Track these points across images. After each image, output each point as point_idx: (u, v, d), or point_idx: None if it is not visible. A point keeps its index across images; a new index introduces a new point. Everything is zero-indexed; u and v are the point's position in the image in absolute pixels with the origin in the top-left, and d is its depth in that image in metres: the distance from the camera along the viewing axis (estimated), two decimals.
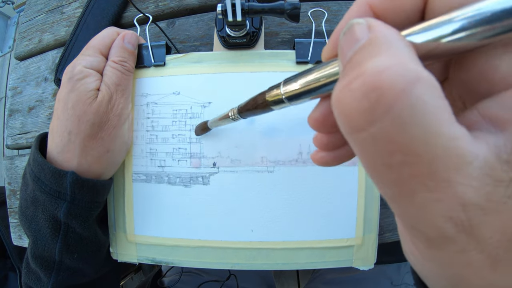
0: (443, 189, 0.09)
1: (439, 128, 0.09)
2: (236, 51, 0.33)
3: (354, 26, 0.10)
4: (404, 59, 0.09)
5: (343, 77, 0.10)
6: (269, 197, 0.32)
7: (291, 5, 0.27)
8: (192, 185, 0.33)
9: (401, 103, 0.08)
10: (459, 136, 0.09)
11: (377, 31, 0.10)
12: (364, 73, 0.09)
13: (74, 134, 0.28)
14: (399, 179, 0.09)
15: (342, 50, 0.11)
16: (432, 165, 0.09)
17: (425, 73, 0.09)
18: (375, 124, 0.09)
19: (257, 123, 0.32)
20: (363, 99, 0.09)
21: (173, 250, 0.33)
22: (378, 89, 0.09)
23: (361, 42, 0.10)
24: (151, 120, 0.33)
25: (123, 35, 0.32)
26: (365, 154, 0.10)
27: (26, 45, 0.46)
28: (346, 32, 0.11)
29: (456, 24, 0.10)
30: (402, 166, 0.09)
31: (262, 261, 0.32)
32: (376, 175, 0.10)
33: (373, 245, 0.32)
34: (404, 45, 0.10)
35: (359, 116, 0.09)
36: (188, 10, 0.41)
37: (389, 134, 0.09)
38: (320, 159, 0.16)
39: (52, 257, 0.29)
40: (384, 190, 0.10)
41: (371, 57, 0.09)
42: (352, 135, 0.10)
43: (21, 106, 0.44)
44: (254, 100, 0.19)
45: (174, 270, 0.59)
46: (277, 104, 0.16)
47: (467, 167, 0.09)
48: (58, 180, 0.28)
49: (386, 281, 0.52)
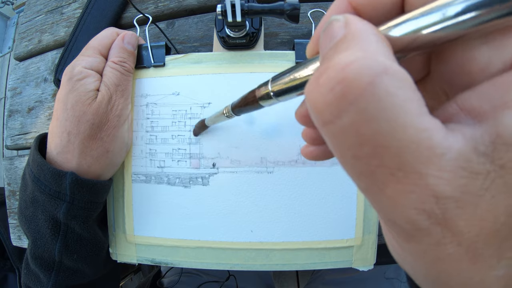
0: (414, 181, 0.09)
1: (407, 120, 0.09)
2: (236, 51, 0.34)
3: (333, 22, 0.11)
4: (373, 52, 0.09)
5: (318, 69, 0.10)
6: (269, 198, 0.32)
7: (290, 6, 0.27)
8: (192, 185, 0.33)
9: (366, 95, 0.08)
10: (430, 128, 0.09)
11: (352, 26, 0.10)
12: (330, 67, 0.09)
13: (73, 135, 0.28)
14: (369, 171, 0.09)
15: (321, 47, 0.11)
16: (400, 157, 0.09)
17: (394, 66, 0.09)
18: (341, 117, 0.09)
19: (256, 123, 0.32)
20: (329, 92, 0.09)
21: (172, 251, 0.33)
22: (343, 82, 0.09)
23: (337, 38, 0.10)
24: (151, 121, 0.33)
25: (123, 35, 0.32)
26: (335, 147, 0.10)
27: (25, 46, 0.46)
28: (326, 29, 0.11)
29: (432, 15, 0.10)
30: (370, 158, 0.09)
31: (262, 261, 0.32)
32: (348, 168, 0.10)
33: (372, 245, 0.32)
34: (376, 39, 0.10)
35: (326, 109, 0.09)
36: (187, 10, 0.41)
37: (356, 127, 0.09)
38: (309, 153, 0.17)
39: (51, 258, 0.29)
40: (357, 183, 0.10)
41: (341, 50, 0.09)
42: (322, 128, 0.10)
43: (20, 107, 0.44)
44: (245, 97, 0.20)
45: (174, 271, 0.59)
46: (265, 100, 0.17)
47: (438, 159, 0.09)
48: (58, 181, 0.28)
49: (386, 282, 0.52)
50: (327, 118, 0.09)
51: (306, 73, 0.13)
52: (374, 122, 0.09)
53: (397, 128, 0.09)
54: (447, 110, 0.11)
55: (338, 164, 0.32)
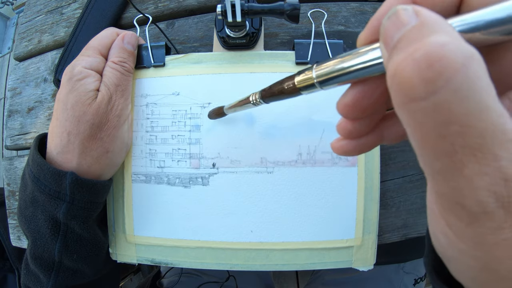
0: (490, 162, 0.09)
1: (490, 104, 0.09)
2: (236, 51, 0.34)
3: (400, 11, 0.11)
4: (459, 38, 0.09)
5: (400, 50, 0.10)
6: (269, 198, 0.32)
7: (290, 6, 0.27)
8: (192, 185, 0.33)
9: (461, 76, 0.09)
10: (504, 114, 0.09)
11: (426, 15, 0.10)
12: (427, 45, 0.09)
13: (73, 135, 0.28)
14: (452, 150, 0.10)
15: (386, 32, 0.11)
16: (482, 137, 0.09)
17: (477, 52, 0.09)
18: (436, 93, 0.09)
19: (257, 123, 0.32)
20: (427, 68, 0.09)
21: (172, 251, 0.33)
22: (442, 61, 0.09)
23: (411, 24, 0.10)
24: (151, 121, 0.33)
25: (123, 35, 0.32)
26: (420, 125, 0.10)
27: (25, 46, 0.46)
28: (391, 16, 0.11)
29: (490, 19, 0.10)
30: (456, 137, 0.09)
31: (262, 261, 0.32)
32: (428, 147, 0.10)
33: (372, 245, 0.32)
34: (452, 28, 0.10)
35: (421, 84, 0.09)
36: (187, 11, 0.41)
37: (449, 104, 0.09)
38: (340, 147, 0.17)
39: (51, 258, 0.29)
40: (433, 163, 0.11)
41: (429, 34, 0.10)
42: (409, 104, 0.10)
43: (20, 107, 0.44)
44: (280, 83, 0.19)
45: (173, 271, 0.59)
46: (307, 88, 0.16)
47: (510, 143, 0.09)
48: (58, 181, 0.28)
49: (386, 282, 0.52)
50: (420, 94, 0.09)
51: (362, 60, 0.13)
52: (466, 101, 0.09)
53: (483, 110, 0.09)
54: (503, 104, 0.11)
55: (339, 164, 0.32)
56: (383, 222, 0.36)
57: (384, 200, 0.36)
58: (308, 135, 0.32)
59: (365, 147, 0.16)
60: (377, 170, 0.32)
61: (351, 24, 0.39)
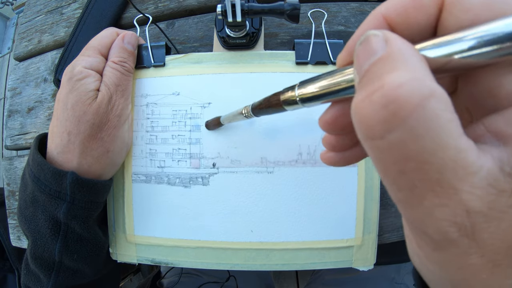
0: (450, 196, 0.10)
1: (449, 141, 0.09)
2: (236, 51, 0.34)
3: (371, 37, 0.11)
4: (420, 74, 0.10)
5: (362, 87, 0.11)
6: (269, 198, 0.32)
7: (290, 6, 0.27)
8: (192, 185, 0.33)
9: (416, 115, 0.09)
10: (466, 148, 0.10)
11: (393, 45, 0.10)
12: (383, 86, 0.10)
13: (74, 135, 0.28)
14: (411, 184, 0.10)
15: (358, 59, 0.11)
16: (441, 173, 0.10)
17: (439, 89, 0.09)
18: (392, 133, 0.10)
19: (257, 123, 0.32)
20: (382, 110, 0.10)
21: (172, 251, 0.33)
22: (396, 102, 0.09)
23: (378, 55, 0.10)
24: (151, 121, 0.33)
25: (123, 35, 0.32)
26: (380, 160, 0.11)
27: (25, 46, 0.46)
28: (363, 42, 0.11)
29: (467, 42, 0.10)
30: (414, 173, 0.10)
31: (262, 261, 0.32)
32: (390, 180, 0.11)
33: (372, 245, 0.32)
34: (418, 60, 0.10)
35: (377, 125, 0.10)
36: (187, 11, 0.41)
37: (404, 143, 0.10)
38: (328, 159, 0.17)
39: (51, 258, 0.29)
40: (395, 194, 0.11)
41: (390, 71, 0.10)
42: (369, 142, 0.10)
43: (20, 107, 0.44)
44: (268, 100, 0.20)
45: (174, 272, 0.59)
46: (290, 105, 0.17)
47: (472, 177, 0.10)
48: (58, 180, 0.28)
49: (386, 282, 0.52)
50: (377, 133, 0.10)
51: (338, 83, 0.13)
52: (421, 140, 0.09)
53: (440, 147, 0.09)
54: (475, 131, 0.12)
55: None
56: (383, 222, 0.36)
57: (384, 200, 0.36)
58: (308, 135, 0.32)
59: (351, 159, 0.17)
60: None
61: (351, 24, 0.39)
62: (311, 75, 0.34)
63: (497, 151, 0.10)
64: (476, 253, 0.10)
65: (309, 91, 0.15)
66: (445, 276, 0.12)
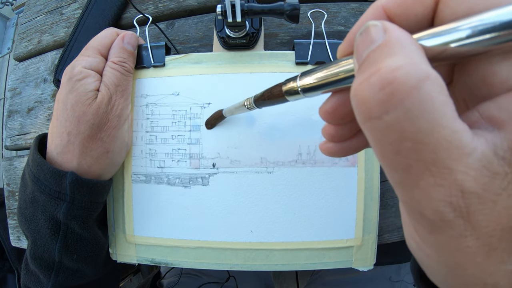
0: (445, 175, 0.10)
1: (443, 121, 0.10)
2: (236, 52, 0.34)
3: (370, 27, 0.12)
4: (416, 59, 0.10)
5: (361, 72, 0.11)
6: (269, 198, 0.32)
7: (290, 6, 0.27)
8: (192, 185, 0.33)
9: (412, 97, 0.10)
10: (460, 130, 0.10)
11: (392, 33, 0.11)
12: (381, 69, 0.10)
13: (73, 135, 0.28)
14: (407, 164, 0.10)
15: (357, 49, 0.12)
16: (436, 153, 0.10)
17: (433, 73, 0.10)
18: (389, 113, 0.10)
19: (257, 123, 0.32)
20: (380, 91, 0.10)
21: (172, 251, 0.33)
22: (393, 84, 0.10)
23: (378, 43, 0.11)
24: (151, 121, 0.33)
25: (123, 35, 0.32)
26: (377, 141, 0.11)
27: (25, 46, 0.46)
28: (363, 32, 0.12)
29: (462, 32, 0.11)
30: (410, 152, 0.10)
31: (262, 261, 0.32)
32: (387, 161, 0.11)
33: (372, 245, 0.32)
34: (415, 47, 0.11)
35: (375, 106, 0.10)
36: (187, 11, 0.41)
37: (400, 123, 0.10)
38: (327, 149, 0.18)
39: (51, 258, 0.29)
40: (392, 175, 0.11)
41: (387, 56, 0.10)
42: (367, 123, 0.11)
43: (20, 107, 0.44)
44: (270, 90, 0.20)
45: (173, 272, 0.59)
46: (292, 95, 0.17)
47: (466, 157, 0.10)
48: (58, 181, 0.28)
49: (386, 283, 0.52)
50: (374, 114, 0.10)
51: (339, 73, 0.14)
52: (417, 120, 0.10)
53: (435, 127, 0.10)
54: (470, 117, 0.12)
55: (339, 164, 0.32)
56: (383, 222, 0.36)
57: (384, 200, 0.36)
58: (308, 135, 0.32)
59: (350, 150, 0.17)
60: (377, 170, 0.32)
61: (350, 24, 0.39)
62: None
63: (491, 136, 0.11)
64: (471, 235, 0.10)
65: (310, 81, 0.16)
66: (441, 260, 0.12)
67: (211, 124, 0.32)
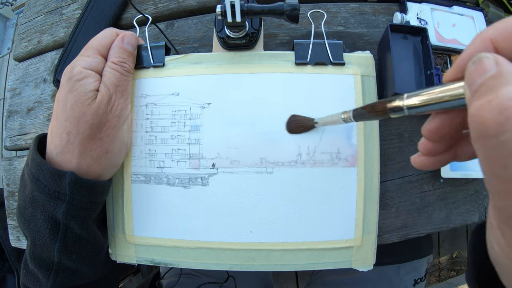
0: None
1: None
2: (236, 52, 0.34)
3: (483, 59, 0.14)
4: None
5: (478, 96, 0.13)
6: (268, 198, 0.32)
7: (290, 6, 0.27)
8: (191, 186, 0.33)
9: None
10: None
11: (503, 66, 0.13)
12: (498, 96, 0.12)
13: (73, 135, 0.28)
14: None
15: (471, 76, 0.14)
16: None
17: None
18: (504, 134, 0.12)
19: (257, 124, 0.32)
20: (499, 114, 0.12)
21: (172, 251, 0.33)
22: (509, 109, 0.12)
23: (491, 73, 0.13)
24: (150, 121, 0.33)
25: (123, 35, 0.32)
26: (489, 156, 0.13)
27: (25, 46, 0.46)
28: (476, 62, 0.14)
29: None
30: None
31: (261, 262, 0.32)
32: (492, 173, 0.13)
33: (372, 246, 0.32)
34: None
35: (493, 126, 0.12)
36: (187, 11, 0.41)
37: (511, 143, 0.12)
38: (419, 162, 0.20)
39: (51, 258, 0.29)
40: (495, 186, 0.13)
41: (502, 85, 0.12)
42: (483, 139, 0.13)
43: (19, 107, 0.44)
44: (372, 106, 0.22)
45: (173, 272, 0.59)
46: (395, 112, 0.19)
47: None
48: (57, 180, 0.28)
49: (386, 283, 0.52)
50: (491, 133, 0.12)
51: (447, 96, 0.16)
52: None
53: None
54: None
55: (338, 165, 0.32)
56: (383, 223, 0.36)
57: (383, 200, 0.36)
58: (308, 136, 0.32)
59: (440, 163, 0.20)
60: (376, 171, 0.32)
61: (350, 24, 0.39)
62: (310, 75, 0.34)
63: None
64: None
65: (416, 102, 0.17)
66: None
67: (295, 132, 0.32)
